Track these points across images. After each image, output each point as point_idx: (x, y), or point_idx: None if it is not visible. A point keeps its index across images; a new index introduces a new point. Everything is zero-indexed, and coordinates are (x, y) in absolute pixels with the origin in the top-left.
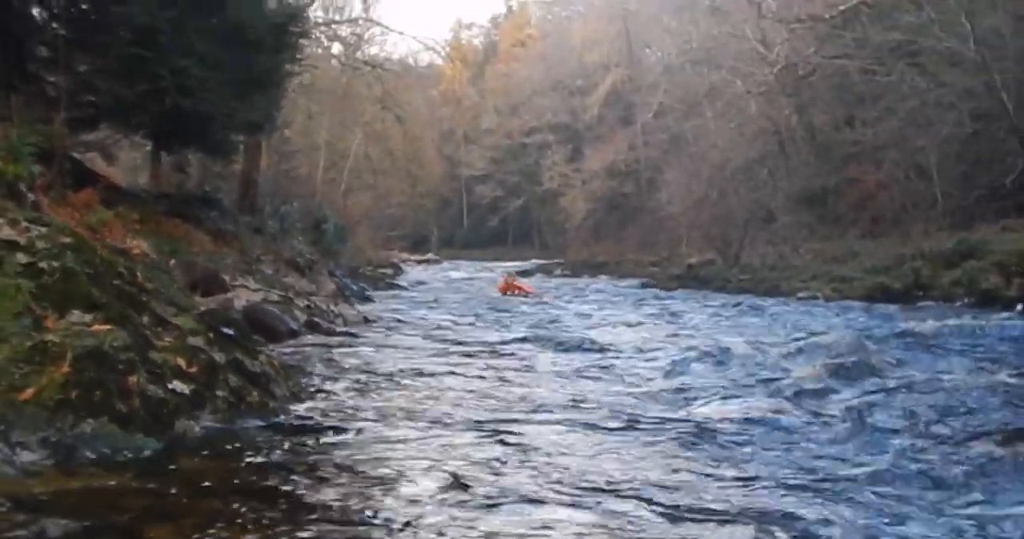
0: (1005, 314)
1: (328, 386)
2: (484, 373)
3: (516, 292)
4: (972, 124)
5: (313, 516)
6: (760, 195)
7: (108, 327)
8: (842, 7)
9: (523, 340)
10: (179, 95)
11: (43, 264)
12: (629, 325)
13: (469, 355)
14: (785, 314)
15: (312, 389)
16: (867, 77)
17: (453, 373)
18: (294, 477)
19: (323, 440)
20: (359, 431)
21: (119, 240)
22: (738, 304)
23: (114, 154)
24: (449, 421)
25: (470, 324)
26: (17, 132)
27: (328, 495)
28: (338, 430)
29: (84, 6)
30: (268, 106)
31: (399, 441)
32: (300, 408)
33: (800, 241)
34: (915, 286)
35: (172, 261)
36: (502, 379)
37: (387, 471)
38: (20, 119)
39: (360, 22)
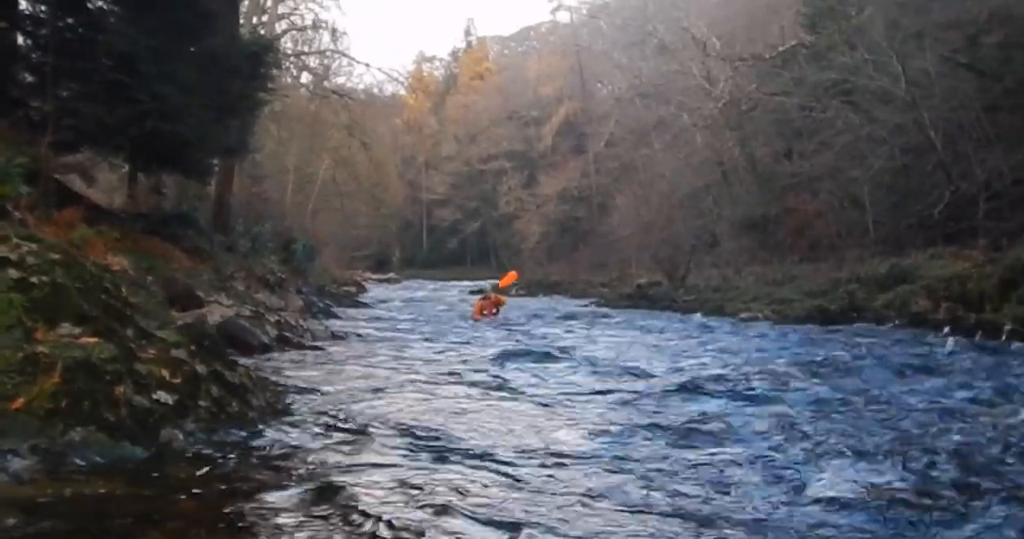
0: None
1: (301, 397)
2: (447, 388)
3: (494, 312)
4: (902, 158)
5: (292, 520)
6: (705, 221)
7: (96, 339)
8: (781, 48)
9: (486, 356)
10: (159, 119)
11: (34, 279)
12: (584, 342)
13: (431, 369)
14: (729, 334)
15: (286, 400)
16: (804, 113)
17: (416, 386)
18: (273, 484)
19: (298, 449)
20: (331, 440)
21: (100, 257)
22: (684, 323)
23: (93, 176)
24: (414, 433)
25: (430, 339)
26: (6, 155)
27: (306, 500)
28: (312, 439)
29: (68, 35)
30: (242, 131)
31: (369, 451)
32: (276, 418)
33: (742, 265)
34: (850, 308)
35: (150, 277)
36: (466, 395)
37: (360, 479)
38: (6, 142)
39: (328, 54)
